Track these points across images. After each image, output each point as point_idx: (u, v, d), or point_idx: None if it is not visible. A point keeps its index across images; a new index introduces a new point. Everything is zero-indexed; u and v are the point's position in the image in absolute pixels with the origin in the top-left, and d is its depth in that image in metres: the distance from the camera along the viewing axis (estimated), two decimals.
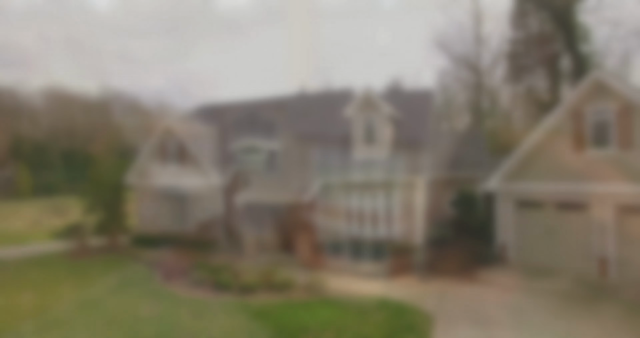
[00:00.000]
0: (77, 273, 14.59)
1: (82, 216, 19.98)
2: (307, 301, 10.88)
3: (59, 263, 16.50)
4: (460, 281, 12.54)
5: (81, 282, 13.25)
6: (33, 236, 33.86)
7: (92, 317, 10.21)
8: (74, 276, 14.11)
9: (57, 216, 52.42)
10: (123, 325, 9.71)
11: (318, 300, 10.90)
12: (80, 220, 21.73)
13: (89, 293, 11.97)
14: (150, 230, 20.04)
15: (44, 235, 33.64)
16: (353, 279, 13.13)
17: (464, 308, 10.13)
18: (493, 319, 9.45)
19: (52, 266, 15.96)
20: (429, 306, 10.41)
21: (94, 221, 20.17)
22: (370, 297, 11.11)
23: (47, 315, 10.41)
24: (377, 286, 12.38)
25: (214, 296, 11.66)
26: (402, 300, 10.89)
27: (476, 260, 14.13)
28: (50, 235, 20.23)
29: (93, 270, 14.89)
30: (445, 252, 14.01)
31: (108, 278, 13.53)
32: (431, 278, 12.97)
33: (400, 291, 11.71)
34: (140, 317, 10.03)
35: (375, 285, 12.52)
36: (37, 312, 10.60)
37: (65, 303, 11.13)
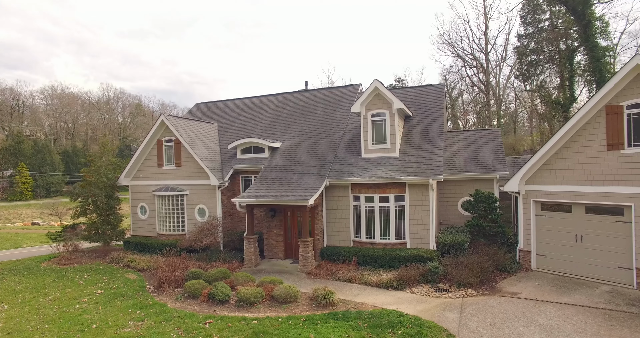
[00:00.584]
0: (61, 281, 13.44)
1: (73, 218, 18.94)
2: (312, 316, 9.69)
3: (44, 269, 15.37)
4: (481, 293, 11.32)
5: (62, 292, 12.10)
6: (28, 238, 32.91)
7: (67, 333, 9.05)
8: (55, 285, 12.96)
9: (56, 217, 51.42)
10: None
11: (325, 316, 9.71)
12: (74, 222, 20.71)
13: (68, 305, 10.81)
14: (145, 233, 18.93)
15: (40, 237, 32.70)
16: (363, 290, 11.94)
17: (491, 327, 8.92)
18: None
19: (35, 273, 14.84)
20: (450, 323, 9.20)
21: (87, 224, 19.15)
22: (383, 312, 9.91)
23: (14, 332, 9.25)
24: (390, 298, 11.18)
25: (209, 309, 10.49)
26: (419, 315, 9.68)
27: (497, 269, 12.94)
28: (45, 237, 19.21)
29: (79, 278, 13.74)
30: (462, 260, 12.79)
31: (93, 288, 12.38)
32: (449, 289, 11.76)
33: (417, 305, 10.51)
34: (121, 336, 8.86)
35: (388, 296, 11.31)
36: (3, 328, 9.46)
37: (39, 318, 9.99)
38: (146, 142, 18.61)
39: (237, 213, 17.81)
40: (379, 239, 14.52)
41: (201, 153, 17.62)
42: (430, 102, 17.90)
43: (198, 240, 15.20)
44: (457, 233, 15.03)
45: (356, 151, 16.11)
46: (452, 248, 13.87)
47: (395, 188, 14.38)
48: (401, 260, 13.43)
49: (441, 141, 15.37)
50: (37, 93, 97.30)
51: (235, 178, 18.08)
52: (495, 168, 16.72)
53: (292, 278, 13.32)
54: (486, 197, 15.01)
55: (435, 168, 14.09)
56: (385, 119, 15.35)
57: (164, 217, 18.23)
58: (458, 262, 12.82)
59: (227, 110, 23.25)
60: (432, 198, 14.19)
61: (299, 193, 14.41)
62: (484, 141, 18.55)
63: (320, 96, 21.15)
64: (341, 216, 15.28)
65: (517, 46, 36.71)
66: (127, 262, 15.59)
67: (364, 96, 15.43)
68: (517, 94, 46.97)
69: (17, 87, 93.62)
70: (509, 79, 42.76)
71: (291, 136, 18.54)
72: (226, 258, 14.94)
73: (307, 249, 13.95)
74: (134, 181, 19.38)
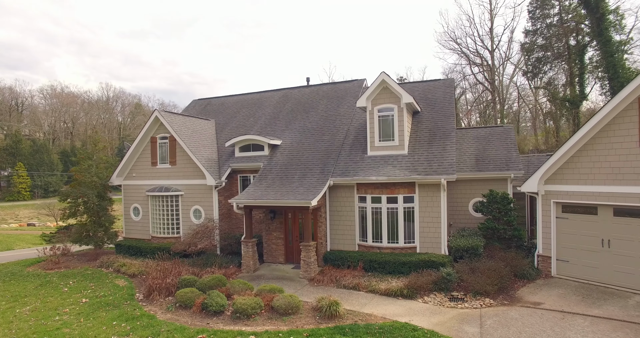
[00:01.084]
0: (44, 288, 12.48)
1: (62, 220, 17.98)
2: (316, 331, 8.71)
3: (28, 275, 14.41)
4: (500, 303, 10.33)
5: (43, 302, 11.12)
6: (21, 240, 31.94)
7: None
8: (37, 293, 11.98)
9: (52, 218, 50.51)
10: None
11: (330, 330, 8.73)
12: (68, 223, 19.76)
13: (46, 317, 9.84)
14: (138, 236, 17.97)
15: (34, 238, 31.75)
16: (370, 299, 10.95)
17: None
18: None
19: (17, 279, 13.87)
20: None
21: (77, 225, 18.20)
22: (394, 325, 8.93)
23: None
24: (401, 308, 10.19)
25: (202, 321, 9.51)
26: (435, 329, 8.71)
27: (514, 275, 11.95)
28: (39, 238, 18.26)
29: (64, 285, 12.77)
30: (478, 266, 11.81)
31: (78, 296, 11.42)
32: (464, 298, 10.78)
33: (431, 317, 9.53)
34: None
35: (398, 307, 10.33)
36: None
37: (10, 333, 9.01)
38: (139, 139, 17.65)
39: (234, 215, 16.85)
40: (387, 243, 13.54)
41: (197, 151, 16.66)
42: (439, 98, 16.93)
43: (192, 243, 14.23)
44: (470, 236, 14.05)
45: (362, 149, 15.13)
46: (465, 253, 12.90)
47: (404, 188, 13.40)
48: (411, 266, 12.45)
49: (453, 138, 14.39)
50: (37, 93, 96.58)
51: (233, 177, 17.11)
52: (508, 166, 15.73)
53: (294, 285, 12.34)
54: (501, 198, 14.03)
55: (447, 166, 13.11)
56: (393, 115, 14.37)
57: (157, 219, 17.26)
58: (473, 268, 11.84)
59: (225, 107, 22.29)
60: (444, 198, 13.21)
61: (301, 194, 13.44)
62: (496, 139, 17.57)
63: (323, 91, 20.18)
64: (346, 218, 14.30)
65: (524, 42, 35.71)
66: (118, 267, 14.63)
67: (370, 90, 14.46)
68: (520, 93, 45.98)
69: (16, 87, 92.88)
70: (513, 77, 41.76)
71: (292, 133, 17.57)
72: (223, 263, 13.97)
73: (310, 254, 12.97)
74: (126, 181, 18.42)
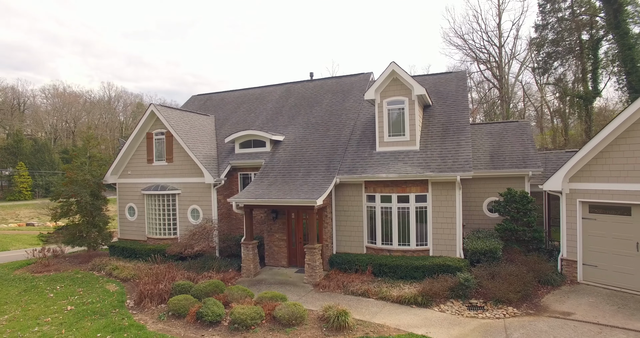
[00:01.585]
0: (28, 294, 11.59)
1: (54, 220, 17.15)
2: None
3: (14, 278, 13.54)
4: (525, 312, 9.37)
5: (24, 310, 10.22)
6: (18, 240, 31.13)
7: None
8: (19, 300, 11.08)
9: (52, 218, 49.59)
10: None
11: None
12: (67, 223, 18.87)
13: (25, 328, 8.94)
14: (133, 237, 17.09)
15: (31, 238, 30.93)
16: (382, 307, 10.01)
17: None
18: None
19: (2, 283, 12.98)
20: None
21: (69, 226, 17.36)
22: (408, 337, 8.00)
23: None
24: (416, 318, 9.25)
25: (196, 333, 8.60)
26: None
27: (537, 281, 10.97)
28: (37, 239, 17.44)
29: (50, 290, 11.89)
30: (497, 270, 10.84)
31: (63, 303, 10.53)
32: (484, 306, 9.82)
33: (450, 329, 8.57)
34: None
35: (413, 316, 9.38)
36: None
37: None
38: (134, 135, 16.75)
39: (234, 215, 15.94)
40: (397, 245, 12.59)
41: (195, 147, 15.75)
42: (451, 91, 15.95)
43: (189, 245, 13.32)
44: (486, 238, 13.06)
45: (370, 145, 14.18)
46: (482, 256, 11.91)
47: (416, 186, 12.45)
48: (424, 271, 11.50)
49: (468, 133, 13.42)
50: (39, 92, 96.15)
51: (233, 175, 16.20)
52: (526, 164, 14.72)
53: (297, 291, 11.41)
54: (520, 197, 13.04)
55: (462, 162, 12.15)
56: (404, 108, 13.42)
57: (153, 219, 16.37)
58: (492, 273, 10.87)
59: (225, 102, 21.40)
60: (459, 197, 12.25)
61: (305, 192, 12.51)
62: (511, 135, 16.56)
63: (328, 85, 19.24)
64: (353, 219, 13.36)
65: (534, 38, 34.64)
66: (110, 270, 13.74)
67: (379, 82, 13.52)
68: (525, 92, 44.87)
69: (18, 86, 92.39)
70: (518, 76, 40.60)
71: (296, 129, 16.64)
72: (221, 267, 13.05)
73: (315, 257, 12.03)
74: (121, 179, 17.54)
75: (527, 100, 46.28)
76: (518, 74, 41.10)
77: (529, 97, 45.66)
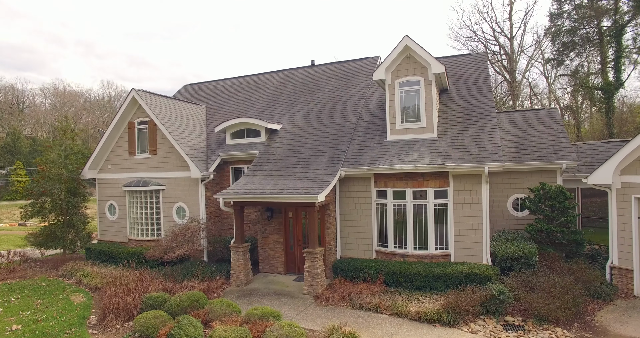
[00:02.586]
0: None
1: (24, 220, 15.38)
2: None
3: None
4: (579, 335, 7.49)
5: None
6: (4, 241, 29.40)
7: None
8: None
9: None
10: None
11: None
12: None
13: None
14: (115, 238, 15.30)
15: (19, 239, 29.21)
16: (398, 326, 8.15)
17: None
18: None
19: None
20: None
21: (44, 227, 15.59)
22: None
23: None
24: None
25: None
26: None
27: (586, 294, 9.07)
28: (24, 240, 15.68)
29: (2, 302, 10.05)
30: (536, 280, 8.97)
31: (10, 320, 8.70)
32: (523, 325, 7.95)
33: None
34: None
35: (433, 337, 7.53)
36: None
37: None
38: (114, 125, 14.95)
39: (225, 214, 14.12)
40: (413, 249, 10.72)
41: (181, 138, 13.94)
42: (470, 73, 14.09)
43: (170, 249, 11.50)
44: (516, 240, 11.19)
45: (379, 133, 12.34)
46: (515, 263, 10.04)
47: (435, 179, 10.58)
48: (447, 280, 9.63)
49: (493, 118, 11.56)
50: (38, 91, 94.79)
51: (224, 169, 14.38)
52: (558, 155, 12.83)
53: (295, 304, 9.56)
54: (556, 192, 11.14)
55: (490, 151, 10.28)
56: (419, 89, 11.56)
57: (135, 218, 14.56)
58: (530, 284, 9.01)
59: (218, 91, 19.58)
60: (486, 192, 10.39)
61: (305, 187, 10.67)
62: (537, 124, 14.66)
63: (331, 71, 17.38)
64: (360, 218, 11.51)
65: (549, 27, 32.66)
66: (80, 277, 11.93)
67: (390, 59, 11.66)
68: (532, 89, 42.86)
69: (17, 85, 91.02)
70: (525, 73, 38.56)
71: (294, 117, 14.80)
72: (207, 273, 11.21)
73: (316, 263, 10.17)
74: (101, 174, 15.75)
75: (534, 98, 44.25)
76: (525, 71, 39.13)
77: (537, 95, 43.62)
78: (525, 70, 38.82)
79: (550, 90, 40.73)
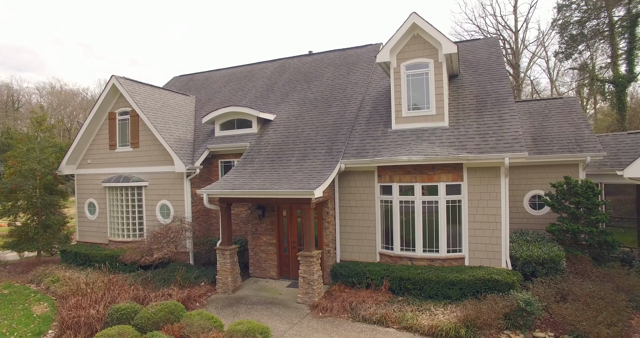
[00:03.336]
0: None
1: None
2: None
3: None
4: None
5: None
6: None
7: None
8: None
9: None
10: None
11: None
12: None
13: None
14: (94, 239, 14.03)
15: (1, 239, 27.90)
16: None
17: None
18: None
19: None
20: None
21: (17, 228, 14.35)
22: None
23: None
24: None
25: None
26: None
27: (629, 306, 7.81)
28: None
29: None
30: (569, 288, 7.73)
31: None
32: None
33: None
34: None
35: None
36: None
37: None
38: (93, 115, 13.68)
39: (214, 213, 12.87)
40: (422, 252, 9.46)
41: (165, 129, 12.68)
42: (482, 58, 12.86)
43: (148, 251, 10.22)
44: (537, 241, 9.95)
45: (383, 122, 11.08)
46: (540, 267, 8.78)
47: (447, 172, 9.33)
48: (462, 287, 8.38)
49: (511, 104, 10.31)
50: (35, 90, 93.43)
51: (213, 163, 13.13)
52: (581, 147, 11.59)
53: (288, 315, 8.30)
54: (583, 187, 9.89)
55: (510, 140, 9.03)
56: (428, 73, 10.30)
57: (116, 217, 13.29)
58: (561, 292, 7.78)
59: (210, 81, 18.32)
60: (505, 187, 9.14)
61: (300, 181, 9.41)
62: (555, 114, 13.44)
63: (329, 59, 16.12)
64: (363, 217, 10.25)
65: (555, 19, 31.45)
66: (49, 283, 10.66)
67: (396, 39, 10.41)
68: (535, 88, 41.63)
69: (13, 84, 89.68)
70: (527, 71, 37.32)
71: (289, 106, 13.54)
72: (189, 278, 9.95)
73: (312, 268, 8.91)
74: (80, 170, 14.48)
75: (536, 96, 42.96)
76: (527, 68, 37.88)
77: (539, 94, 42.33)
78: (528, 67, 37.61)
79: (554, 86, 39.56)
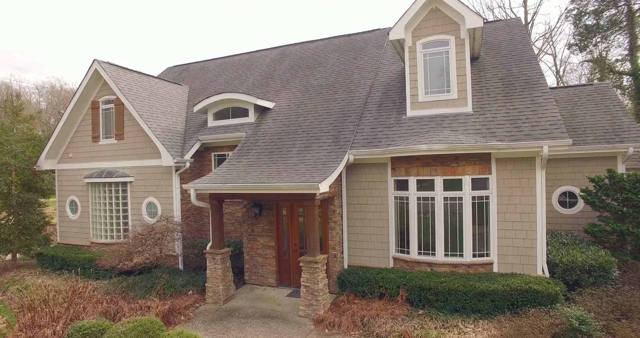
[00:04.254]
0: None
1: None
2: None
3: None
4: None
5: None
6: None
7: None
8: None
9: None
10: None
11: None
12: None
13: None
14: (76, 241, 12.77)
15: None
16: None
17: None
18: None
19: None
20: None
21: None
22: None
23: None
24: None
25: None
26: None
27: None
28: None
29: None
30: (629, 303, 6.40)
31: None
32: None
33: None
34: None
35: None
36: None
37: None
38: (74, 104, 12.40)
39: (206, 211, 11.59)
40: (443, 256, 8.14)
41: (152, 118, 11.41)
42: (505, 40, 11.52)
43: (127, 256, 8.93)
44: (575, 244, 8.62)
45: (397, 108, 9.77)
46: (585, 276, 7.43)
47: (473, 164, 8.01)
48: (495, 299, 7.05)
49: (544, 87, 8.97)
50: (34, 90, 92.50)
51: (205, 157, 11.86)
52: (621, 137, 10.25)
53: (288, 333, 6.99)
54: (632, 182, 8.56)
55: (548, 126, 7.70)
56: (449, 51, 8.99)
57: (98, 217, 12.03)
58: (619, 307, 6.42)
59: (205, 71, 17.05)
60: (541, 181, 7.82)
61: (302, 174, 8.11)
62: (586, 102, 12.10)
63: (333, 44, 14.82)
64: (374, 216, 8.93)
65: (570, 9, 30.08)
66: (15, 291, 9.38)
67: (411, 14, 9.10)
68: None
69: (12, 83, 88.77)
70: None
71: (291, 94, 12.25)
72: (175, 286, 8.66)
73: (316, 276, 7.59)
74: (61, 165, 13.21)
75: None
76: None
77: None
78: None
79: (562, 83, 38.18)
